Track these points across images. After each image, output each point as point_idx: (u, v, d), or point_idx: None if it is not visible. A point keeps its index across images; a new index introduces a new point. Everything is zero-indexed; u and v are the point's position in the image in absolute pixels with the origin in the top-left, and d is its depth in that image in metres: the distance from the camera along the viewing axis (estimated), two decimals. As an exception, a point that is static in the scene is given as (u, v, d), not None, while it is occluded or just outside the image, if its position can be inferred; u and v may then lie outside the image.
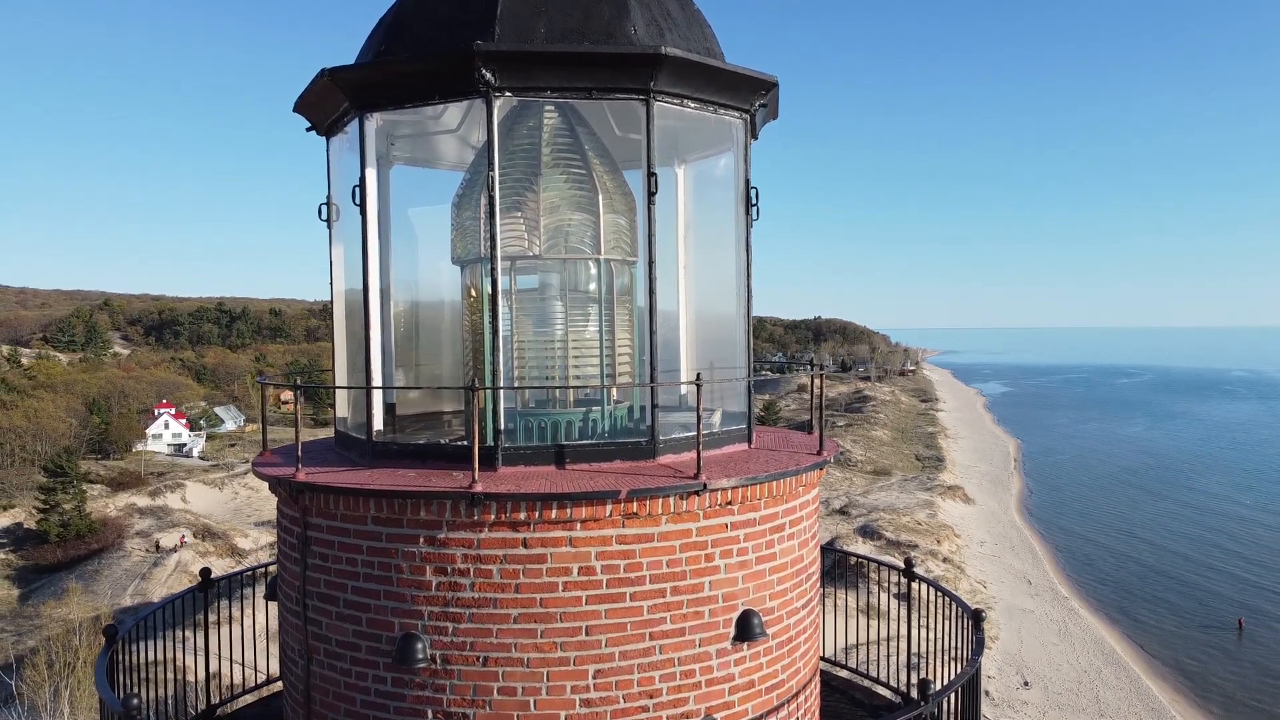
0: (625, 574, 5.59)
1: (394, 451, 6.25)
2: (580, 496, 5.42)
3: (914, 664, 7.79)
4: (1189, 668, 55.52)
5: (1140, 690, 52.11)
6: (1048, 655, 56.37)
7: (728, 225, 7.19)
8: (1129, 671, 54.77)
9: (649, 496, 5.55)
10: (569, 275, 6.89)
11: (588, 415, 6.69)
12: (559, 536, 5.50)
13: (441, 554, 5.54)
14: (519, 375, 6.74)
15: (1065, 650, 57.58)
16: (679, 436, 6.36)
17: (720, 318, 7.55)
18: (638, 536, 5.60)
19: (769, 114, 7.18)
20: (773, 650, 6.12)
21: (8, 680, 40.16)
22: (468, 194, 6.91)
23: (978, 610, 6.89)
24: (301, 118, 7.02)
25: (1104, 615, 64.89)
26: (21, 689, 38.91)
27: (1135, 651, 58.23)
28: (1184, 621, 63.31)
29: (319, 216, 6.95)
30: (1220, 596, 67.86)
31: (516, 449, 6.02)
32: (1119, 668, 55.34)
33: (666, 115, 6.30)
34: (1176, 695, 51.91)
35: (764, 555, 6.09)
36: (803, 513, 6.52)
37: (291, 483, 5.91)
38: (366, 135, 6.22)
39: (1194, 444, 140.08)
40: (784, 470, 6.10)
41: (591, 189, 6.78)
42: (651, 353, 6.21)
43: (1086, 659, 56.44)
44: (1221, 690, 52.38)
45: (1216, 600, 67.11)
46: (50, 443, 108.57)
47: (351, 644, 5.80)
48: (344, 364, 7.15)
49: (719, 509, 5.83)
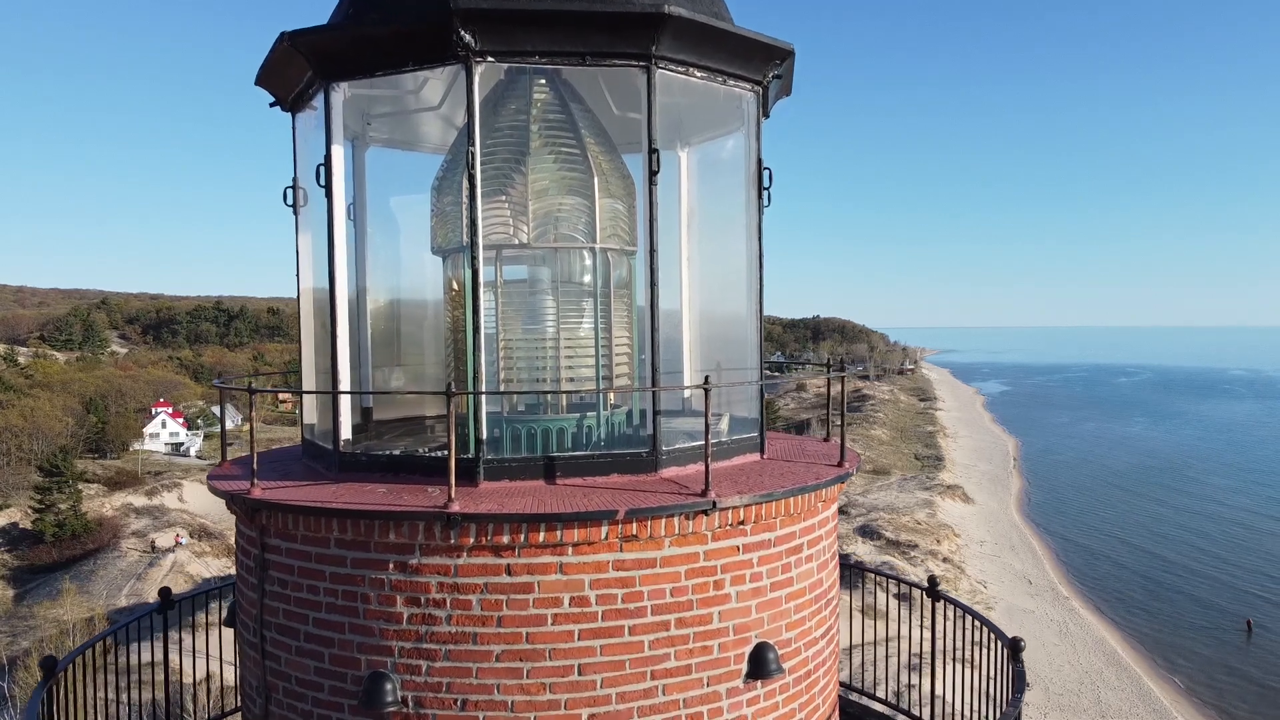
0: (623, 605, 4.90)
1: (363, 463, 5.56)
2: (572, 517, 4.74)
3: (940, 694, 7.10)
4: (1193, 669, 54.88)
5: (1142, 691, 51.51)
6: (1048, 656, 55.70)
7: (735, 213, 6.51)
8: (1130, 672, 54.18)
9: (651, 516, 4.87)
10: (561, 266, 6.20)
11: (581, 422, 6.00)
12: (548, 562, 4.82)
13: (414, 582, 4.85)
14: (505, 378, 6.05)
15: (1066, 651, 56.97)
16: (684, 447, 5.67)
17: (727, 314, 6.87)
18: (638, 562, 4.92)
19: (782, 88, 6.49)
20: (790, 688, 5.44)
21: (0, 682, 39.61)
22: (448, 176, 6.22)
23: (1016, 639, 6.18)
24: (265, 92, 6.33)
25: (1105, 615, 64.27)
26: (14, 691, 38.32)
27: (1137, 652, 57.63)
28: (1188, 622, 62.68)
29: (284, 201, 6.27)
30: (1225, 596, 67.21)
31: (500, 461, 5.33)
32: (1120, 668, 54.75)
33: (670, 88, 5.62)
34: (1179, 697, 51.32)
35: (780, 580, 5.40)
36: (821, 531, 5.84)
37: (245, 499, 5.22)
38: (333, 107, 5.53)
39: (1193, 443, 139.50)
40: (802, 485, 5.41)
41: (585, 171, 6.09)
42: (653, 352, 5.53)
43: (1087, 660, 55.85)
44: (1227, 692, 51.71)
45: (1221, 600, 66.47)
46: (47, 442, 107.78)
47: (313, 683, 5.11)
48: (312, 365, 6.45)
49: (730, 530, 5.15)
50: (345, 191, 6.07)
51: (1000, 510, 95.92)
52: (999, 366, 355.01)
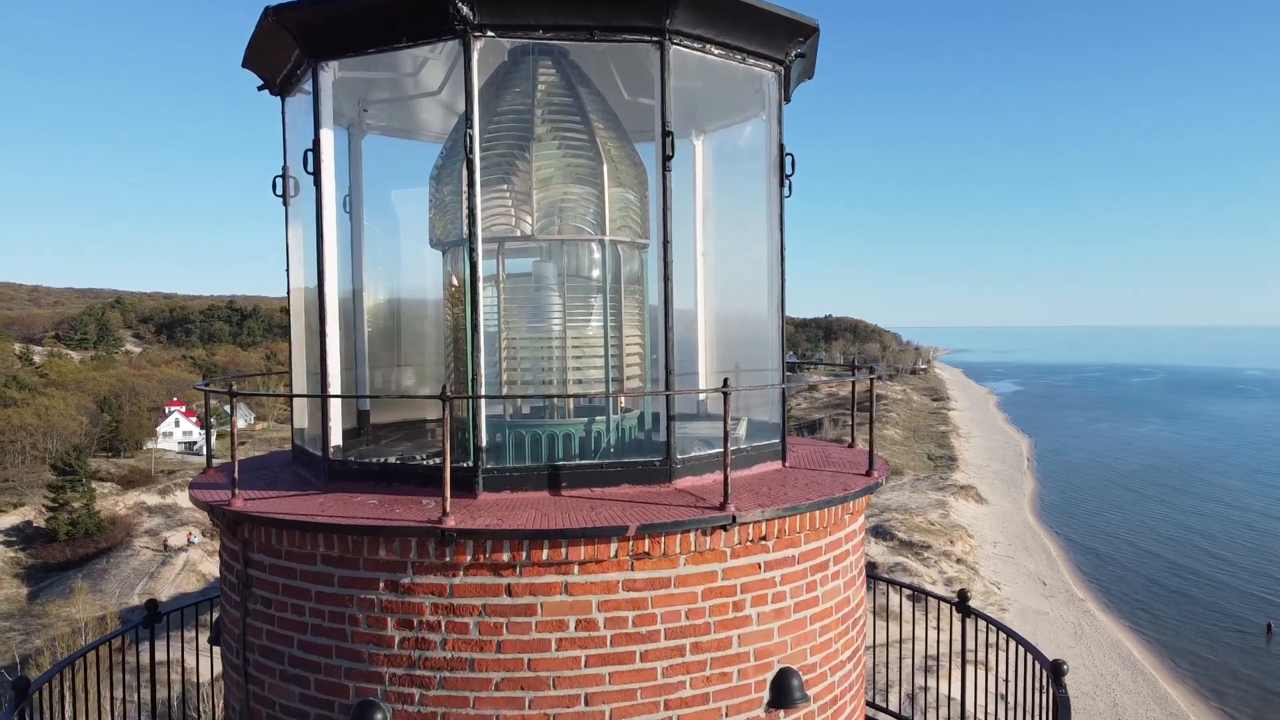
0: (634, 628, 4.49)
1: (354, 472, 5.16)
2: (579, 533, 4.32)
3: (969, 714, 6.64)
4: (1211, 672, 54.06)
5: (1159, 694, 50.80)
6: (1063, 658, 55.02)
7: (754, 205, 6.09)
8: (1147, 675, 53.47)
9: (664, 532, 4.44)
10: (568, 260, 5.78)
11: (590, 427, 5.58)
12: (552, 582, 4.40)
13: (406, 603, 4.45)
14: (508, 379, 5.64)
15: (1081, 653, 56.28)
16: (700, 455, 5.24)
17: (745, 311, 6.44)
18: (650, 581, 4.51)
19: (805, 70, 6.06)
20: (814, 716, 5.01)
21: (9, 682, 39.54)
22: (448, 164, 5.81)
23: (1058, 662, 5.73)
24: (253, 75, 5.94)
25: (1121, 617, 63.48)
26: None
27: (1153, 654, 56.86)
28: (1205, 624, 61.81)
29: (273, 191, 5.87)
30: (1242, 599, 66.24)
31: (501, 471, 4.92)
32: (1136, 671, 54.04)
33: (685, 67, 5.19)
34: (1196, 700, 50.55)
35: (804, 600, 4.98)
36: (848, 545, 5.41)
37: (226, 511, 4.83)
38: (321, 88, 5.12)
39: (1208, 444, 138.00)
40: (830, 497, 4.98)
41: (594, 157, 5.67)
42: (667, 352, 5.10)
43: (1103, 662, 55.16)
44: (1247, 697, 50.89)
45: (1238, 603, 65.51)
46: (61, 440, 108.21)
47: (298, 710, 4.71)
48: (303, 367, 6.06)
49: (751, 546, 4.72)
50: (339, 181, 5.69)
51: (1014, 511, 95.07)
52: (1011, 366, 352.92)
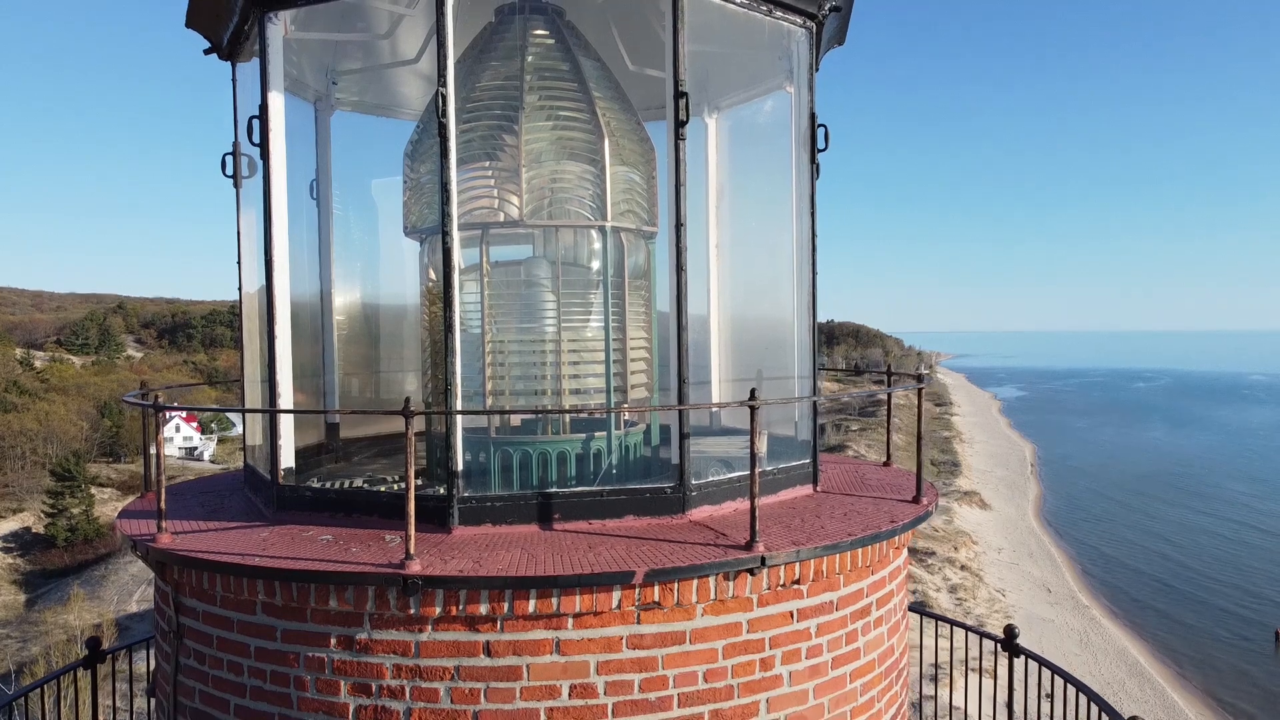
0: (641, 694, 3.67)
1: (307, 500, 4.34)
2: (573, 581, 3.51)
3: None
4: (1218, 681, 53.26)
5: (1166, 703, 49.99)
6: (1069, 666, 53.97)
7: (775, 190, 5.29)
8: (1154, 684, 52.68)
9: (679, 578, 3.63)
10: (563, 250, 4.96)
11: (588, 445, 4.76)
12: (541, 639, 3.59)
13: (363, 663, 3.64)
14: (493, 389, 4.82)
15: (1087, 661, 55.45)
16: (719, 480, 4.41)
17: (767, 312, 5.63)
18: (660, 637, 3.69)
19: (837, 33, 5.25)
20: (857, 793, 4.19)
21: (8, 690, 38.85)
22: (424, 139, 5.00)
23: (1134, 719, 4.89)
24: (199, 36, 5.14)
25: (1127, 625, 62.66)
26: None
27: (1160, 662, 56.08)
28: (1212, 632, 60.95)
29: (223, 171, 5.06)
30: (1250, 606, 65.38)
31: (481, 500, 4.09)
32: (1143, 679, 53.25)
33: (701, 19, 4.39)
34: (1204, 708, 49.71)
35: (844, 654, 4.15)
36: (893, 585, 4.59)
37: (150, 549, 4.01)
38: (270, 43, 4.31)
39: (1213, 449, 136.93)
40: (876, 532, 4.16)
41: (593, 131, 4.86)
42: (680, 357, 4.28)
43: (1109, 670, 54.36)
44: (1255, 706, 50.02)
45: (1246, 610, 64.64)
46: (61, 445, 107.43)
47: (235, 790, 3.90)
48: (257, 376, 5.24)
49: (782, 591, 3.90)
50: (304, 163, 4.89)
51: (1018, 517, 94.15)
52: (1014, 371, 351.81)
